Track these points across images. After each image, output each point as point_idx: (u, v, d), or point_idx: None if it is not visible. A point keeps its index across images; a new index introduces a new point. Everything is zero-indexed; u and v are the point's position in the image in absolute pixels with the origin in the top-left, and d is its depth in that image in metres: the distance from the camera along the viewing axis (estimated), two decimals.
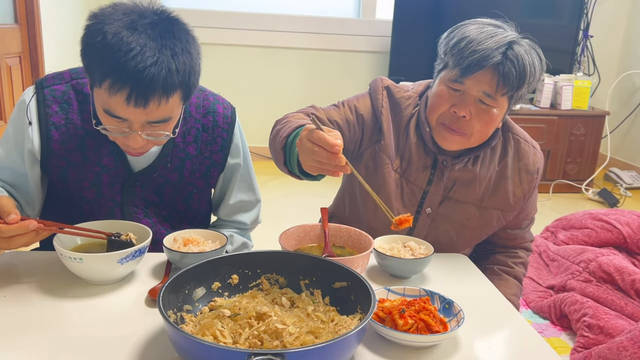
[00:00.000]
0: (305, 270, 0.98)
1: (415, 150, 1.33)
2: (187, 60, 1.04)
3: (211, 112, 1.30)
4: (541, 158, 1.40)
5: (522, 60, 1.19)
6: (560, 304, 2.13)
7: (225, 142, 1.31)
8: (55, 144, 1.19)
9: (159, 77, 0.99)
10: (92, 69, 1.03)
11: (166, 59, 1.00)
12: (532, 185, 1.37)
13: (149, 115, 1.04)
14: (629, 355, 1.66)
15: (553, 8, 4.03)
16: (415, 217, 1.35)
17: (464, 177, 1.32)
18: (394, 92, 1.37)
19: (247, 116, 4.29)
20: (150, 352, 0.85)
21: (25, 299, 0.99)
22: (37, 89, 1.20)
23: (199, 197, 1.33)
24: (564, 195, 3.94)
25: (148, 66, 0.98)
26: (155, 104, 1.02)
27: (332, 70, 4.29)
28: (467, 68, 1.19)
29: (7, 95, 2.61)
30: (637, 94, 4.30)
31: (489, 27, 1.23)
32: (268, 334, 0.81)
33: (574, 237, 2.57)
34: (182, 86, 1.05)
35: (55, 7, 3.15)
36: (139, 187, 1.26)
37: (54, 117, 1.19)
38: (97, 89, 1.04)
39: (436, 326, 0.90)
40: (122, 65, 0.97)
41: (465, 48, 1.20)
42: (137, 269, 1.12)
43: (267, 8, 4.19)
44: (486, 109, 1.22)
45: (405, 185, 1.34)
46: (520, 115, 3.78)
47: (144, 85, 0.98)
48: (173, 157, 1.26)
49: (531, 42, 1.25)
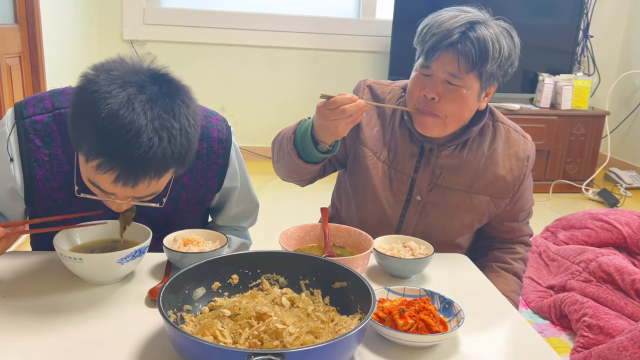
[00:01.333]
0: (305, 270, 0.98)
1: (401, 140, 1.36)
2: (184, 141, 0.96)
3: (205, 139, 1.21)
4: (532, 148, 1.41)
5: (482, 38, 1.20)
6: (560, 304, 2.13)
7: (221, 167, 1.25)
8: (40, 182, 1.13)
9: (152, 163, 0.93)
10: (81, 140, 0.94)
11: (162, 145, 0.92)
12: (522, 172, 1.38)
13: (137, 192, 0.99)
14: (629, 355, 1.66)
15: (553, 8, 4.03)
16: (405, 205, 1.37)
17: (452, 163, 1.34)
18: (375, 88, 1.42)
19: (247, 116, 4.30)
20: (150, 352, 0.85)
21: (25, 299, 0.99)
22: (17, 119, 1.12)
23: (194, 220, 1.30)
24: (564, 195, 3.94)
25: (142, 154, 0.90)
26: (145, 184, 0.96)
27: (332, 70, 4.28)
28: (429, 51, 1.22)
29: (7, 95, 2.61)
30: (637, 94, 4.30)
31: (455, 12, 1.24)
32: (268, 334, 0.81)
33: (574, 237, 2.57)
34: (176, 166, 0.99)
35: (55, 7, 3.15)
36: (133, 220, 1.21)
37: (37, 152, 1.11)
38: (83, 159, 0.96)
39: (436, 326, 0.90)
40: (116, 150, 0.90)
41: (427, 33, 1.23)
42: (137, 269, 1.12)
43: (267, 8, 4.19)
44: (454, 88, 1.24)
45: (393, 175, 1.36)
46: (520, 115, 3.78)
47: (135, 171, 0.93)
48: (166, 190, 1.18)
49: (506, 24, 1.26)
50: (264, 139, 4.34)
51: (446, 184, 1.35)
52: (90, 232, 1.13)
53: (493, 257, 1.46)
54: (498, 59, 1.22)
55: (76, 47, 3.52)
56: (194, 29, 4.03)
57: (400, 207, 1.37)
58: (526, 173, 1.39)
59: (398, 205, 1.37)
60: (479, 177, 1.35)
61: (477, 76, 1.23)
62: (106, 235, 1.14)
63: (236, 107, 4.21)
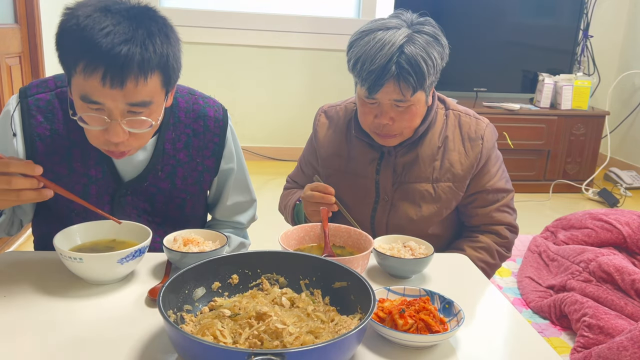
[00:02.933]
0: (305, 270, 0.98)
1: (361, 148, 1.43)
2: (164, 42, 1.00)
3: (202, 117, 1.26)
4: (488, 128, 1.42)
5: (416, 61, 1.23)
6: (560, 304, 2.13)
7: (217, 146, 1.28)
8: (41, 155, 1.16)
9: (134, 54, 0.96)
10: (67, 55, 1.00)
11: (141, 38, 0.97)
12: (477, 152, 1.39)
13: (127, 96, 0.99)
14: (629, 355, 1.66)
15: (553, 8, 4.03)
16: (374, 206, 1.43)
17: (410, 159, 1.40)
18: (329, 112, 1.52)
19: (247, 116, 4.30)
20: (150, 352, 0.85)
21: (25, 299, 0.99)
22: (21, 97, 1.16)
23: (193, 203, 1.31)
24: (564, 195, 3.94)
25: (121, 42, 0.94)
26: (133, 84, 0.98)
27: (332, 70, 4.28)
28: (371, 88, 1.26)
29: (7, 95, 2.61)
30: (637, 94, 4.30)
31: (379, 33, 1.25)
32: (268, 334, 0.81)
33: (574, 237, 2.56)
34: (161, 68, 1.01)
35: (55, 7, 3.15)
36: (130, 197, 1.23)
37: (39, 127, 1.15)
38: (73, 77, 1.00)
39: (436, 326, 0.90)
40: (95, 44, 0.94)
41: (362, 70, 1.26)
42: (137, 269, 1.12)
43: (267, 8, 4.19)
44: (404, 109, 1.29)
45: (358, 182, 1.43)
46: (520, 115, 3.78)
47: (119, 64, 0.95)
48: (164, 165, 1.23)
49: (430, 29, 1.27)
50: (264, 139, 4.34)
51: (408, 180, 1.40)
52: (90, 232, 1.13)
53: (454, 245, 1.46)
54: (434, 70, 1.27)
55: None
56: (194, 29, 4.03)
57: (369, 210, 1.43)
58: (482, 152, 1.39)
59: (367, 208, 1.43)
60: (437, 166, 1.39)
61: (421, 91, 1.28)
62: (106, 235, 1.14)
63: (236, 107, 4.21)
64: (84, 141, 1.12)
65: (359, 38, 1.28)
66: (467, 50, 3.87)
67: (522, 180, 3.86)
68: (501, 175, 1.45)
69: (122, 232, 1.14)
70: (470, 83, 3.99)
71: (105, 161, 1.19)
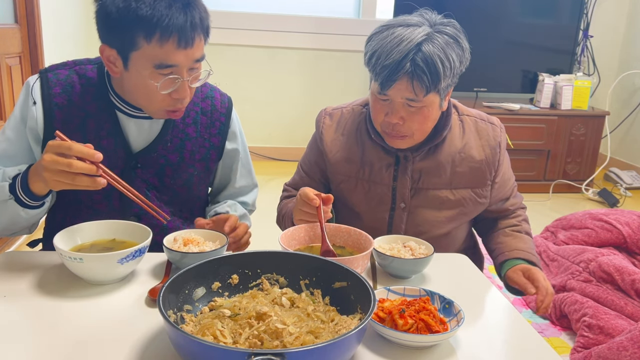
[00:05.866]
0: (305, 270, 0.98)
1: (375, 153, 1.38)
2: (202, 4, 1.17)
3: (209, 97, 1.36)
4: (502, 131, 1.43)
5: (432, 60, 1.20)
6: (560, 304, 2.13)
7: (223, 125, 1.37)
8: (58, 123, 1.23)
9: (194, 17, 1.12)
10: (130, 33, 1.10)
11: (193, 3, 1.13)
12: (496, 159, 1.40)
13: (195, 54, 1.15)
14: (629, 355, 1.66)
15: (553, 8, 4.03)
16: (391, 213, 1.39)
17: (428, 166, 1.36)
18: (334, 115, 1.46)
19: (247, 116, 4.28)
20: (150, 352, 0.85)
21: (25, 299, 0.99)
22: (41, 73, 1.26)
23: (199, 180, 1.36)
24: (564, 195, 3.94)
25: (182, 8, 1.10)
26: (197, 41, 1.14)
27: (332, 70, 4.28)
28: (383, 84, 1.23)
29: (7, 95, 2.61)
30: (637, 94, 4.30)
31: (399, 29, 1.23)
32: (268, 334, 0.81)
33: (574, 237, 2.56)
34: (204, 33, 1.17)
35: (55, 7, 3.15)
36: (140, 169, 1.28)
37: (57, 98, 1.23)
38: (140, 50, 1.11)
39: (436, 326, 0.90)
40: (163, 15, 1.08)
41: (377, 64, 1.23)
42: (137, 269, 1.12)
43: (267, 8, 4.19)
44: (416, 110, 1.26)
45: (373, 188, 1.39)
46: (520, 115, 3.78)
47: (188, 27, 1.11)
48: (173, 137, 1.30)
49: (452, 31, 1.25)
50: (264, 139, 4.34)
51: (426, 186, 1.37)
52: (91, 232, 1.13)
53: (501, 224, 1.49)
54: (450, 73, 1.24)
55: (76, 47, 3.51)
56: None
57: (386, 217, 1.40)
58: (500, 159, 1.41)
59: (383, 216, 1.40)
60: (456, 172, 1.37)
61: (435, 93, 1.24)
62: (106, 235, 1.14)
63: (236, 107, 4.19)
64: (99, 113, 1.24)
65: (379, 32, 1.26)
66: None
67: (522, 180, 3.84)
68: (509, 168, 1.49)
69: (122, 232, 1.14)
70: (470, 83, 3.99)
71: (117, 133, 1.25)
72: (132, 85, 1.18)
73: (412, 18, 1.26)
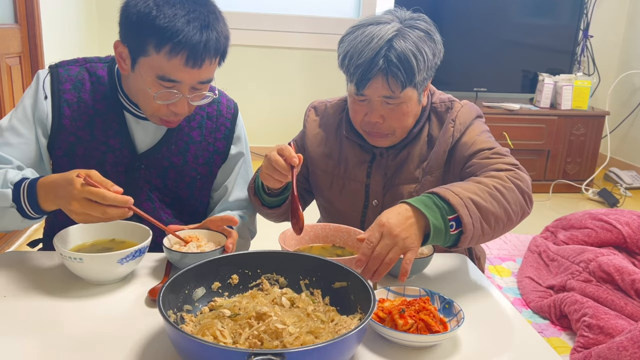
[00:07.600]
0: (305, 270, 0.98)
1: (351, 150, 1.38)
2: (224, 25, 1.17)
3: (216, 102, 1.36)
4: (462, 109, 1.31)
5: (405, 55, 1.18)
6: (560, 304, 2.13)
7: (228, 130, 1.36)
8: (67, 119, 1.24)
9: (210, 39, 1.11)
10: (143, 38, 1.10)
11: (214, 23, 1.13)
12: (449, 135, 1.29)
13: (201, 75, 1.14)
14: (629, 355, 1.67)
15: (553, 8, 4.03)
16: (364, 211, 1.38)
17: (399, 161, 1.35)
18: (319, 107, 1.47)
19: (247, 116, 4.28)
20: (150, 352, 0.85)
21: (25, 299, 0.99)
22: (51, 68, 1.26)
23: (202, 184, 1.36)
24: (563, 195, 3.94)
25: (201, 28, 1.09)
26: (207, 64, 1.13)
27: (332, 70, 4.26)
28: (358, 84, 1.22)
29: (7, 95, 2.61)
30: (637, 94, 4.30)
31: (369, 27, 1.22)
32: (268, 334, 0.81)
33: (573, 237, 2.57)
34: (220, 53, 1.16)
35: (55, 7, 3.15)
36: (144, 170, 1.28)
37: (67, 94, 1.24)
38: (148, 57, 1.11)
39: (436, 326, 0.90)
40: (178, 30, 1.07)
41: (350, 64, 1.22)
42: (137, 269, 1.12)
43: (267, 8, 4.19)
44: (394, 107, 1.25)
45: (347, 185, 1.38)
46: (520, 115, 3.78)
47: (201, 48, 1.09)
48: (177, 139, 1.30)
49: (423, 25, 1.23)
50: (264, 139, 4.34)
51: (398, 182, 1.35)
52: (90, 232, 1.13)
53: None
54: (425, 66, 1.22)
55: (76, 47, 3.51)
56: None
57: (358, 215, 1.39)
58: (454, 134, 1.29)
59: (356, 214, 1.39)
60: (423, 162, 1.34)
61: (411, 88, 1.23)
62: (106, 235, 1.14)
63: None
64: (107, 112, 1.24)
65: (350, 33, 1.25)
66: (467, 50, 3.87)
67: None
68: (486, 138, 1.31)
69: (122, 232, 1.14)
70: (470, 83, 3.99)
71: (123, 133, 1.26)
72: (134, 85, 1.19)
73: (383, 16, 1.26)
